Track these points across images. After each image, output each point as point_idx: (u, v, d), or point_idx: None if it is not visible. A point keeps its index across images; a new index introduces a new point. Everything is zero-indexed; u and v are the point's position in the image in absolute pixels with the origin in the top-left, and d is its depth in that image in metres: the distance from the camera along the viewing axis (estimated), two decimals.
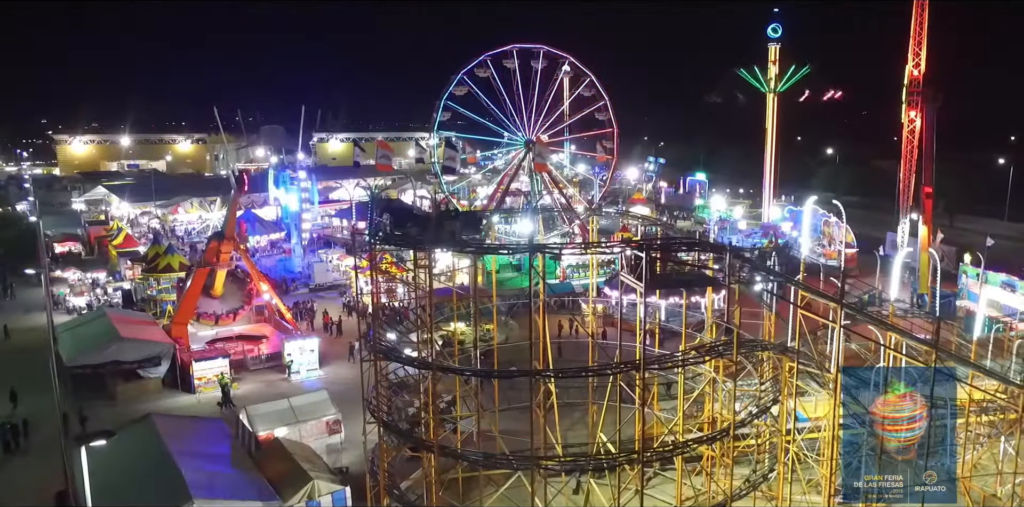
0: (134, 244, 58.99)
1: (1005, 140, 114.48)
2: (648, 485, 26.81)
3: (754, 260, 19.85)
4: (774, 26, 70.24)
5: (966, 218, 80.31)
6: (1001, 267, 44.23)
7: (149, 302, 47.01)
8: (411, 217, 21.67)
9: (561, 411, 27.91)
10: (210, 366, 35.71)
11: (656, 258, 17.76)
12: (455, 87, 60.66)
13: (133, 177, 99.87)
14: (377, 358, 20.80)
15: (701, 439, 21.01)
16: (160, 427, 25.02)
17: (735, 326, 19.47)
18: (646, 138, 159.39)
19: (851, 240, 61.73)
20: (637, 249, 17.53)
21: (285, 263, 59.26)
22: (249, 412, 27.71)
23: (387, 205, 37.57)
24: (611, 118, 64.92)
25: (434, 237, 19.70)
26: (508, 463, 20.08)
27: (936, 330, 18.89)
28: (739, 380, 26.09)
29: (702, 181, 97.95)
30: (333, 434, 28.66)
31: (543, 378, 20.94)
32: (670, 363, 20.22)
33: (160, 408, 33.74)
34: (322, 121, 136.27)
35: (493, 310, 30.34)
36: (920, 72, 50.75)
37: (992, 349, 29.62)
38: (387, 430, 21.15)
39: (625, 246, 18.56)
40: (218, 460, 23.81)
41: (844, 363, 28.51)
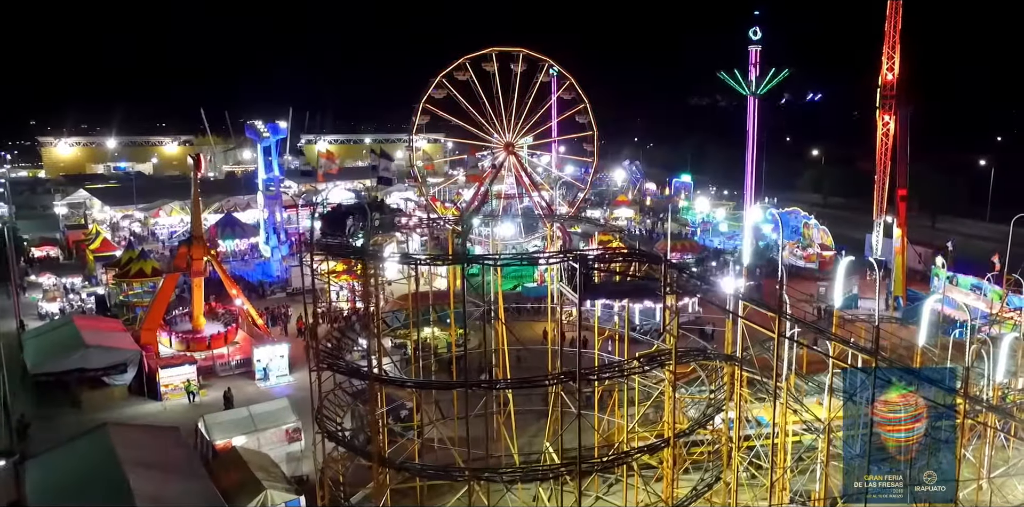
0: (112, 248, 58.71)
1: (990, 141, 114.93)
2: (610, 491, 26.95)
3: (690, 270, 19.87)
4: (754, 29, 70.35)
5: (949, 219, 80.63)
6: (982, 268, 43.95)
7: (122, 307, 46.83)
8: (340, 224, 21.62)
9: (528, 418, 27.95)
10: (177, 373, 35.61)
11: (595, 269, 17.77)
12: (434, 90, 60.59)
13: (117, 180, 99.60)
14: (319, 368, 20.76)
15: (642, 449, 20.99)
16: (114, 437, 24.89)
17: (672, 335, 19.47)
18: (636, 139, 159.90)
19: (829, 243, 61.93)
20: (573, 260, 17.56)
21: (263, 267, 59.10)
22: (207, 421, 27.65)
23: (326, 213, 37.10)
24: (591, 121, 64.98)
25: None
26: (448, 475, 20.02)
27: (875, 338, 18.92)
28: (696, 387, 26.24)
29: (687, 183, 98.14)
30: (293, 442, 28.59)
31: (490, 388, 20.83)
32: (609, 373, 20.22)
33: (125, 416, 33.68)
34: (310, 123, 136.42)
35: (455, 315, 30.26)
36: (894, 75, 50.92)
37: (953, 353, 29.69)
38: (332, 440, 21.09)
39: (563, 257, 18.55)
40: (170, 470, 23.72)
41: (808, 369, 28.79)
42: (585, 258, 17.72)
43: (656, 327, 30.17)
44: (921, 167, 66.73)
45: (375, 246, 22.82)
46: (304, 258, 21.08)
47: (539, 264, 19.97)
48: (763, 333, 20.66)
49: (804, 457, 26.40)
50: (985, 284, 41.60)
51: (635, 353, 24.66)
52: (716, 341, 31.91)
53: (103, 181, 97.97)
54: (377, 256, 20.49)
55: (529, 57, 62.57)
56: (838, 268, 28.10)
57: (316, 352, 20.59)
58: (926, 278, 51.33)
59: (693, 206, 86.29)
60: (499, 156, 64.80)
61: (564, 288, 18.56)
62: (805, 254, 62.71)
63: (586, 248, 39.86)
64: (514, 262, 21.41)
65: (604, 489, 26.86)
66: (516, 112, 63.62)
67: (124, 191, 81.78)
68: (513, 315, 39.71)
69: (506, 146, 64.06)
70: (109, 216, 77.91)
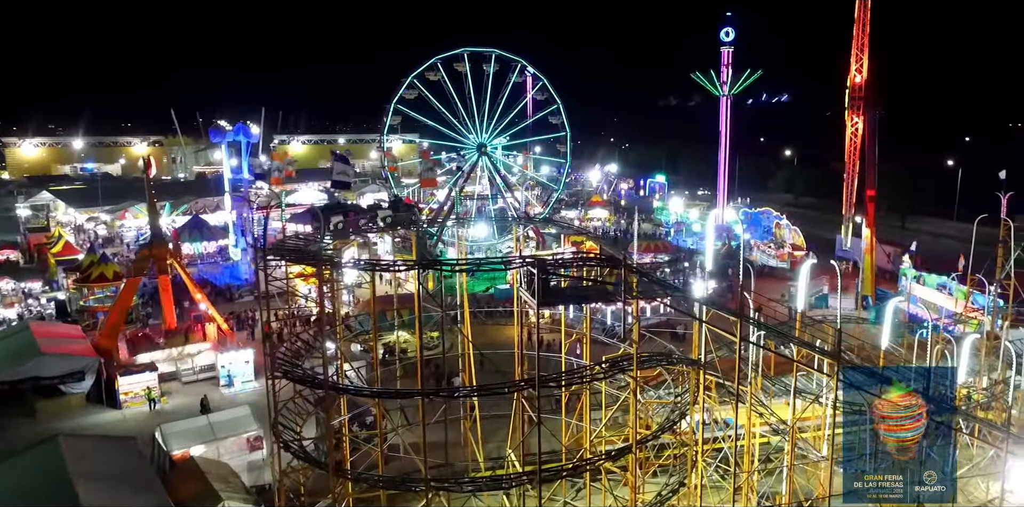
0: (74, 252, 57.19)
1: (958, 142, 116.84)
2: (578, 496, 26.63)
3: (649, 274, 19.64)
4: (727, 30, 70.73)
5: (918, 219, 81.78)
6: (951, 267, 44.34)
7: (83, 313, 45.59)
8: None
9: (497, 422, 27.47)
10: (137, 380, 34.68)
11: (553, 274, 17.45)
12: (405, 90, 59.97)
13: (83, 181, 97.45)
14: (273, 376, 20.18)
15: (607, 454, 20.69)
16: (66, 448, 23.97)
17: (634, 342, 19.20)
18: (612, 140, 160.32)
19: (801, 243, 62.37)
20: (531, 266, 17.21)
21: (231, 270, 58.02)
22: (163, 430, 26.86)
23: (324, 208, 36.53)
24: (564, 122, 64.81)
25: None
26: (406, 486, 19.56)
27: (837, 341, 18.82)
28: (665, 390, 26.01)
29: (662, 183, 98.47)
30: (255, 450, 27.89)
31: (448, 397, 20.42)
32: (570, 379, 19.90)
33: (82, 425, 32.72)
34: (284, 123, 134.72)
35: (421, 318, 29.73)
36: (863, 77, 51.37)
37: (919, 352, 29.87)
38: (287, 451, 20.53)
39: (522, 263, 18.19)
40: (123, 482, 22.91)
41: (776, 370, 28.74)
42: (543, 263, 17.42)
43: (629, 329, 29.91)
44: (890, 167, 67.51)
45: (334, 250, 22.23)
46: (260, 262, 20.39)
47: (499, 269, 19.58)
48: (727, 337, 20.46)
49: (772, 458, 26.37)
50: (951, 283, 42.02)
51: (603, 357, 24.45)
52: (688, 342, 31.79)
53: (68, 182, 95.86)
54: (334, 261, 19.95)
55: (502, 58, 62.26)
56: (801, 270, 27.98)
57: (272, 359, 19.99)
58: (895, 277, 51.86)
59: (667, 206, 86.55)
60: (471, 157, 64.38)
61: (523, 293, 18.21)
62: (778, 253, 63.11)
63: (550, 251, 39.53)
64: (471, 267, 20.98)
65: (572, 493, 26.56)
66: (489, 113, 63.26)
67: (90, 193, 79.92)
68: (483, 318, 39.29)
69: (479, 147, 63.64)
70: (74, 218, 76.11)
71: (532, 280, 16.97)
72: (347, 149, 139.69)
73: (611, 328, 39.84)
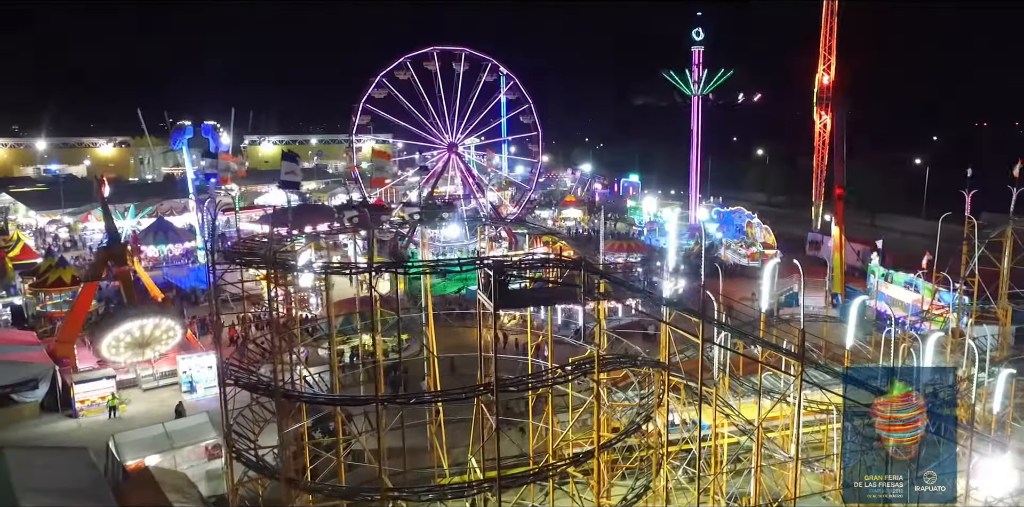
0: (33, 256, 55.58)
1: (926, 140, 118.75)
2: (547, 499, 26.22)
3: (610, 275, 19.30)
4: (696, 30, 71.01)
5: (887, 217, 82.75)
6: (918, 265, 44.68)
7: (40, 319, 44.21)
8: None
9: (464, 427, 26.97)
10: (93, 388, 33.56)
11: (511, 276, 17.03)
12: (374, 90, 59.24)
13: (46, 183, 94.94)
14: (224, 383, 19.49)
15: (571, 459, 20.32)
16: (11, 461, 23.03)
17: (596, 345, 18.83)
18: (587, 140, 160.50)
19: (772, 241, 62.65)
20: (488, 267, 16.76)
21: (197, 273, 56.75)
22: (116, 439, 25.89)
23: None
24: (535, 121, 64.54)
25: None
26: (362, 496, 19.00)
27: (801, 342, 18.62)
28: (632, 392, 25.69)
29: (635, 182, 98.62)
30: (214, 459, 27.00)
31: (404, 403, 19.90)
32: (529, 384, 19.50)
33: (34, 435, 31.59)
34: (255, 123, 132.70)
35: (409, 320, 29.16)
36: (830, 77, 51.74)
37: (885, 351, 29.90)
38: (239, 460, 19.85)
39: (479, 265, 17.73)
40: (71, 495, 22.04)
41: (744, 370, 28.57)
42: (500, 265, 16.98)
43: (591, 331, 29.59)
44: (860, 165, 68.25)
45: (288, 253, 21.58)
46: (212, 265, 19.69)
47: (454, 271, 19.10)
48: (692, 338, 20.17)
49: (742, 458, 26.18)
50: (918, 280, 42.39)
51: (569, 358, 24.09)
52: (658, 342, 31.55)
53: (30, 184, 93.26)
54: (285, 264, 19.33)
55: (472, 57, 61.78)
56: (766, 269, 27.88)
57: (220, 365, 19.30)
58: (865, 275, 52.27)
59: (640, 206, 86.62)
60: (442, 156, 63.83)
61: (481, 296, 17.76)
62: (748, 253, 63.31)
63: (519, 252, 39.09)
64: (429, 270, 20.47)
65: (541, 497, 26.15)
66: (460, 112, 62.75)
67: (52, 195, 77.81)
68: (450, 321, 38.79)
69: (449, 146, 63.09)
70: (34, 221, 74.10)
71: (489, 282, 16.54)
72: (319, 150, 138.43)
73: (581, 329, 39.53)
